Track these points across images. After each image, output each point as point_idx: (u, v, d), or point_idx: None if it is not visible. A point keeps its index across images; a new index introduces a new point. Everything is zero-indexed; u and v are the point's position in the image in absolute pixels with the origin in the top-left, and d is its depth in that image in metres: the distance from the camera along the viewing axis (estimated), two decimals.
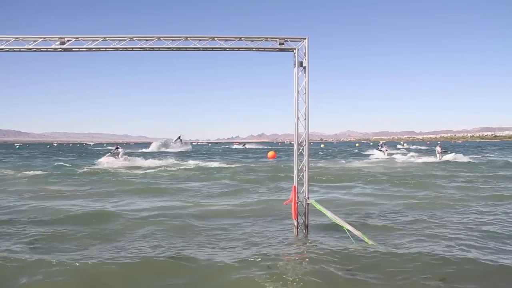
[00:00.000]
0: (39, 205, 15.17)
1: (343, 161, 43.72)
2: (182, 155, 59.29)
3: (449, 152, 44.04)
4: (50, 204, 15.50)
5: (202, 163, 39.49)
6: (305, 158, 10.22)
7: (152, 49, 10.26)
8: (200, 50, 10.27)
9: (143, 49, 10.22)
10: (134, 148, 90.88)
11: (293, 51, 10.05)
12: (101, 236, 10.76)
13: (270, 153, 54.78)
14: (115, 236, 10.76)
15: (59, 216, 13.11)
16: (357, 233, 9.64)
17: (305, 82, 10.04)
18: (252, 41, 10.07)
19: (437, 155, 42.47)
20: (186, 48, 10.17)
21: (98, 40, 9.90)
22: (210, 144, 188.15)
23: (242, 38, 10.04)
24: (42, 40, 9.82)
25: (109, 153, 40.99)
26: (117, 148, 41.08)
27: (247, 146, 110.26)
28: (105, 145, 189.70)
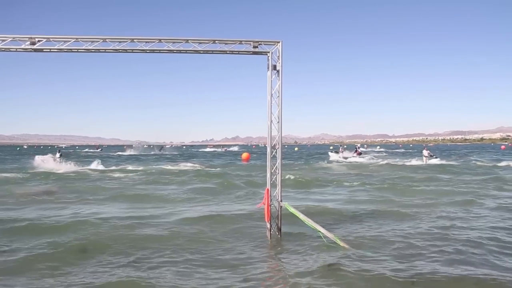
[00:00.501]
0: None
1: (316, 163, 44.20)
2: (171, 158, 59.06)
3: (435, 157, 44.07)
4: None
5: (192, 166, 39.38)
6: (278, 161, 10.28)
7: (125, 50, 10.17)
8: (174, 52, 10.24)
9: (116, 50, 10.14)
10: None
11: (266, 54, 10.10)
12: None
13: (244, 155, 54.59)
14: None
15: None
16: (329, 235, 9.71)
17: (279, 85, 10.11)
18: (226, 44, 10.10)
19: (424, 158, 42.31)
20: (160, 50, 10.12)
21: (70, 41, 9.77)
22: (184, 147, 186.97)
23: (216, 41, 10.05)
24: (11, 40, 9.63)
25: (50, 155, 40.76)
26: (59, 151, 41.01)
27: (226, 149, 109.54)
28: (41, 147, 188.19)
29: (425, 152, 43.64)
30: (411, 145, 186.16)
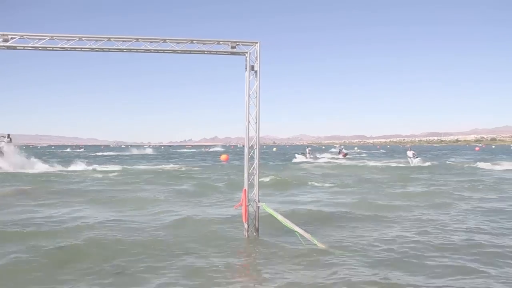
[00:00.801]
0: None
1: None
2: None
3: (416, 156, 44.42)
4: None
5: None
6: (256, 161, 10.28)
7: (102, 49, 10.05)
8: (151, 52, 10.17)
9: (92, 49, 10.00)
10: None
11: (244, 55, 10.11)
12: None
13: (223, 156, 54.98)
14: None
15: None
16: (307, 236, 9.75)
17: (256, 86, 10.11)
18: (204, 44, 10.07)
19: (409, 159, 42.85)
20: (137, 49, 10.04)
21: (44, 38, 9.62)
22: (163, 147, 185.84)
23: (194, 41, 10.01)
24: None
25: None
26: None
27: (208, 149, 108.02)
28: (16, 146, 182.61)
29: (409, 153, 44.02)
30: (388, 146, 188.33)
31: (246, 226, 10.37)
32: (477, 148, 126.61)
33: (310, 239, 9.68)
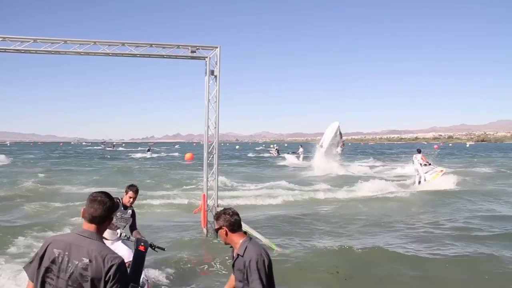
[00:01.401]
0: None
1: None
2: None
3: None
4: None
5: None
6: (215, 166, 10.30)
7: (58, 52, 9.86)
8: (110, 55, 10.01)
9: (48, 52, 9.78)
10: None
11: (204, 59, 10.10)
12: None
13: (188, 155, 53.75)
14: None
15: None
16: (265, 241, 9.82)
17: (216, 90, 10.11)
18: (164, 48, 10.00)
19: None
20: (95, 53, 9.89)
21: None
22: (124, 145, 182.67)
23: (153, 45, 9.93)
24: None
25: None
26: None
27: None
28: None
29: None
30: (349, 144, 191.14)
31: (205, 231, 10.37)
32: (435, 146, 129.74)
33: (268, 243, 9.76)
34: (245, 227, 9.97)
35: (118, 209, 6.35)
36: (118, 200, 6.28)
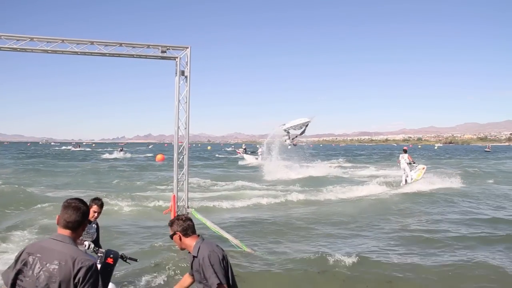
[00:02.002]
0: None
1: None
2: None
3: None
4: None
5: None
6: (185, 167, 10.25)
7: (25, 50, 9.64)
8: (78, 54, 9.84)
9: (14, 49, 9.56)
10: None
11: (175, 59, 10.02)
12: None
13: (159, 156, 53.39)
14: None
15: None
16: (235, 241, 9.83)
17: (187, 91, 10.06)
18: (134, 47, 9.88)
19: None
20: (62, 51, 9.68)
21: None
22: (94, 145, 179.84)
23: (123, 44, 9.81)
24: None
25: None
26: None
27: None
28: None
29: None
30: (321, 145, 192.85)
31: None
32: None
33: (238, 244, 9.77)
34: (214, 228, 10.02)
35: None
36: None
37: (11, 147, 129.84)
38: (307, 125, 33.03)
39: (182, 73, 10.00)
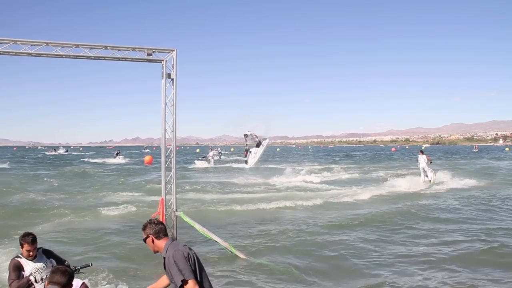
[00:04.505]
0: None
1: None
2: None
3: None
4: None
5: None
6: (173, 170, 10.18)
7: (8, 53, 9.50)
8: (63, 57, 9.72)
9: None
10: None
11: (161, 62, 9.95)
12: None
13: (147, 158, 52.99)
14: None
15: None
16: (225, 244, 9.78)
17: (173, 94, 10.00)
18: (119, 50, 9.79)
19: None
20: (47, 54, 9.56)
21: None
22: (81, 148, 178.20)
23: (108, 47, 9.71)
24: None
25: None
26: None
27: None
28: None
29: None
30: (309, 147, 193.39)
31: None
32: (393, 149, 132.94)
33: (228, 247, 9.72)
34: (203, 231, 9.95)
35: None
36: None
37: None
38: (261, 141, 37.38)
39: (168, 75, 9.93)
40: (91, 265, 5.94)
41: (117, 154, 64.64)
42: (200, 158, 51.95)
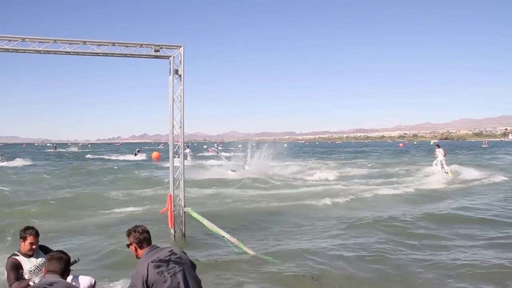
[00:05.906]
0: None
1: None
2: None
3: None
4: None
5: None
6: (181, 166, 10.20)
7: (17, 50, 9.55)
8: (71, 54, 9.75)
9: (5, 50, 9.46)
10: None
11: (168, 58, 9.96)
12: None
13: (155, 154, 53.72)
14: None
15: None
16: (233, 240, 9.73)
17: (181, 90, 10.01)
18: (127, 46, 9.80)
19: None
20: (55, 51, 9.59)
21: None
22: (90, 145, 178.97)
23: (116, 44, 9.73)
24: None
25: None
26: None
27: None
28: None
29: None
30: (317, 143, 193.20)
31: (172, 231, 10.24)
32: (401, 145, 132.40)
33: (236, 243, 9.65)
34: (211, 227, 9.94)
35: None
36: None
37: (6, 148, 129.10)
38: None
39: (176, 71, 9.95)
40: (79, 260, 5.63)
41: (138, 151, 64.21)
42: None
